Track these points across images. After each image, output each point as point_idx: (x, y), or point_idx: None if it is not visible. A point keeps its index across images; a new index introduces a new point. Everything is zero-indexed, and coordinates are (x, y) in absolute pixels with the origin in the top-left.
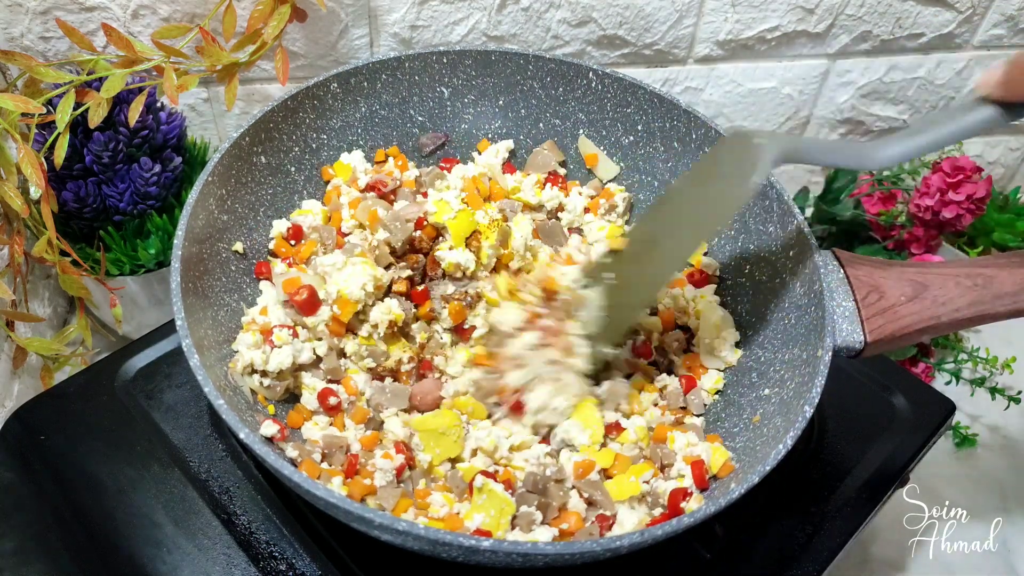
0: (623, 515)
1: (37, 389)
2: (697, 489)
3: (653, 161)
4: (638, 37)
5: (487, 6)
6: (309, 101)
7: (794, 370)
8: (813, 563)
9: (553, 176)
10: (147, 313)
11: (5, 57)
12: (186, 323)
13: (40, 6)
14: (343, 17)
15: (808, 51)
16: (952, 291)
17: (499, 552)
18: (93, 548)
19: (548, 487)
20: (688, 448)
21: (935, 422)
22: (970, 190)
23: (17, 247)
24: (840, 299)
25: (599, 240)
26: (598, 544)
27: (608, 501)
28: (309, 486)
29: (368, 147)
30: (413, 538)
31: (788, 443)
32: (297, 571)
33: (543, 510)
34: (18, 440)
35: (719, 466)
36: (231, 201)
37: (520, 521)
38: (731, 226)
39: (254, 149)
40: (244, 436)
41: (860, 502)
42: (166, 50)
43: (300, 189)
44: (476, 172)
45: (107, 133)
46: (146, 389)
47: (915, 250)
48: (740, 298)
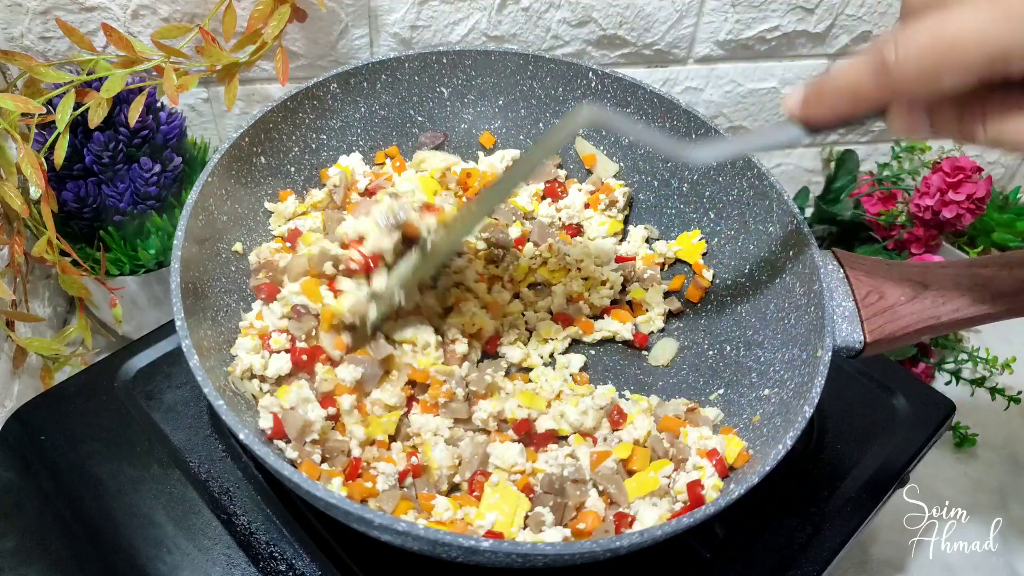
0: (643, 512)
1: (37, 389)
2: (719, 477)
3: (653, 161)
4: (638, 37)
5: (487, 6)
6: (309, 101)
7: (794, 370)
8: (813, 563)
9: (552, 186)
10: (147, 313)
11: (5, 57)
12: (186, 323)
13: (40, 6)
14: (343, 17)
15: (808, 51)
16: (952, 291)
17: (499, 552)
18: (93, 548)
19: (565, 487)
20: (701, 441)
21: (935, 422)
22: (970, 190)
23: (17, 247)
24: (840, 299)
25: (600, 235)
26: (597, 545)
27: (623, 496)
28: (309, 486)
29: (368, 147)
30: (413, 539)
31: (788, 443)
32: (297, 571)
33: (560, 511)
34: (18, 440)
35: (735, 456)
36: (231, 201)
37: (530, 521)
38: (731, 226)
39: (254, 149)
40: (244, 436)
41: (860, 502)
42: (166, 50)
43: (300, 190)
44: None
45: (107, 133)
46: (146, 389)
47: (915, 250)
48: (740, 298)
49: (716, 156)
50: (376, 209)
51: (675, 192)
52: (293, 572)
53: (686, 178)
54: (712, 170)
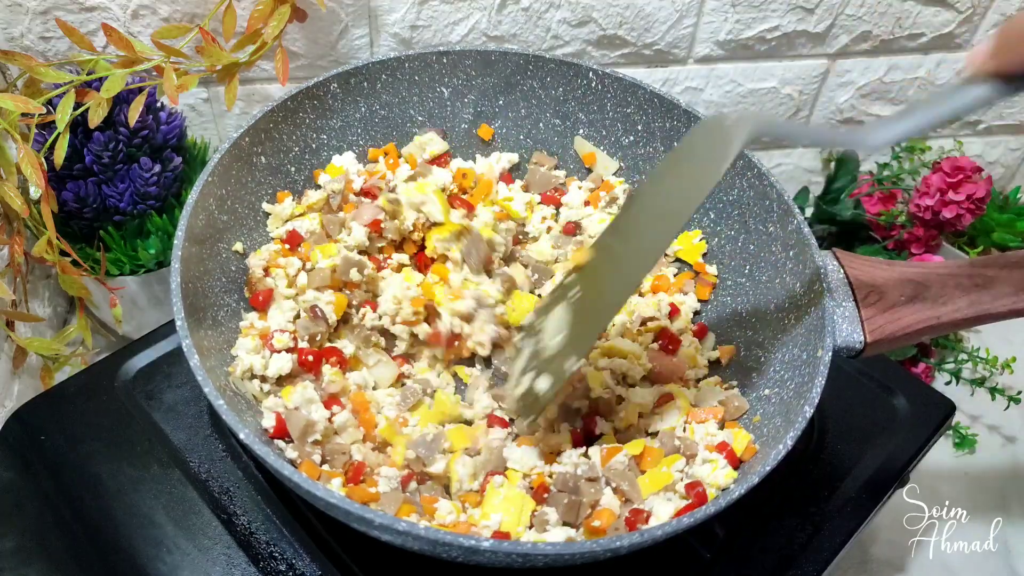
0: (658, 508)
1: (37, 389)
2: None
3: (653, 161)
4: (638, 37)
5: (487, 6)
6: (309, 101)
7: (794, 370)
8: (813, 563)
9: (550, 194)
10: (147, 313)
11: (5, 57)
12: (186, 323)
13: (40, 6)
14: (343, 17)
15: (808, 51)
16: (952, 291)
17: (499, 552)
18: (93, 548)
19: (579, 485)
20: (708, 437)
21: (935, 422)
22: (970, 190)
23: (17, 247)
24: (840, 299)
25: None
26: (598, 545)
27: (636, 492)
28: (309, 486)
29: (367, 147)
30: (413, 538)
31: (788, 443)
32: (297, 571)
33: (575, 509)
34: (18, 440)
35: (743, 449)
36: (231, 201)
37: (536, 520)
38: (732, 226)
39: (254, 149)
40: (244, 436)
41: (860, 502)
42: (166, 50)
43: (300, 189)
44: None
45: (107, 133)
46: (146, 389)
47: (915, 250)
48: (740, 298)
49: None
50: None
51: None
52: (293, 572)
53: None
54: None
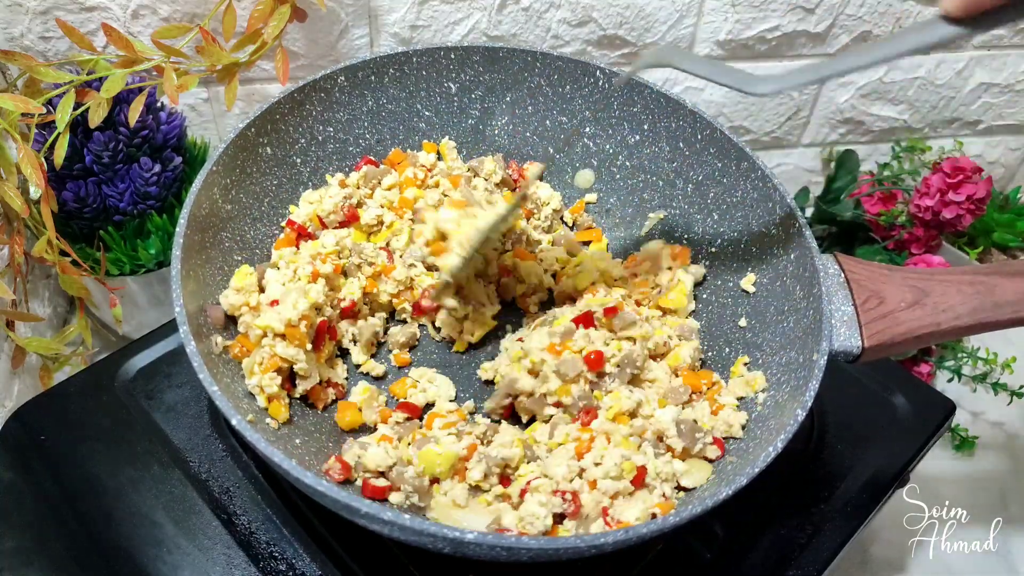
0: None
1: (37, 389)
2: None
3: (658, 161)
4: (638, 37)
5: (487, 6)
6: (316, 94)
7: (790, 373)
8: (813, 563)
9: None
10: (147, 313)
11: (5, 57)
12: (184, 309)
13: (40, 6)
14: (343, 17)
15: (808, 51)
16: (953, 298)
17: (483, 545)
18: (93, 548)
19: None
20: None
21: (935, 422)
22: (970, 190)
23: (17, 247)
24: (839, 303)
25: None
26: (582, 541)
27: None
28: (298, 474)
29: (374, 140)
30: (399, 528)
31: (779, 446)
32: (297, 571)
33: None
34: (18, 440)
35: (756, 386)
36: (236, 191)
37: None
38: (734, 228)
39: (260, 140)
40: (236, 423)
41: (860, 502)
42: (166, 50)
43: (305, 180)
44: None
45: (107, 133)
46: (146, 389)
47: (915, 251)
48: (740, 300)
49: (856, 66)
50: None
51: (679, 193)
52: (293, 572)
53: (691, 179)
54: (716, 171)
